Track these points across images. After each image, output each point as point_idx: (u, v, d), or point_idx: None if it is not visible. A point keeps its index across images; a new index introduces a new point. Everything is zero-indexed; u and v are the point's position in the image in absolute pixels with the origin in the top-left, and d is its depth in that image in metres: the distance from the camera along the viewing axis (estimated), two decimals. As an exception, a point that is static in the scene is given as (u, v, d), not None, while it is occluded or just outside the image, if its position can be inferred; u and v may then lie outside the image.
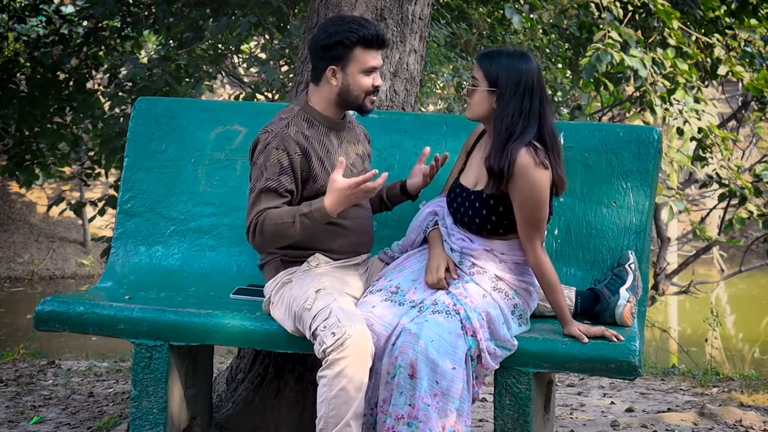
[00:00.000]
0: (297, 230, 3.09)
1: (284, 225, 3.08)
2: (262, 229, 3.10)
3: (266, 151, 3.16)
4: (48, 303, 3.38)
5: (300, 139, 3.20)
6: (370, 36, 3.20)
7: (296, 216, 3.08)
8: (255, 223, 3.11)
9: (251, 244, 3.18)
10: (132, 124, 3.96)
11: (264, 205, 3.12)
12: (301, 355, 3.75)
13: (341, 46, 3.20)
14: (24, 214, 15.31)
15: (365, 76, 3.22)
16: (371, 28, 3.20)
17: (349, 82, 3.22)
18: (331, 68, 3.23)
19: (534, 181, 3.08)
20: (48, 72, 8.77)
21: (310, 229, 3.11)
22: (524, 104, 3.11)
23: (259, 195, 3.14)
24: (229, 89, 15.30)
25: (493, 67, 3.14)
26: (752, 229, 13.93)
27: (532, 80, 3.12)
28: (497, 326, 3.07)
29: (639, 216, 3.53)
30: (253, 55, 9.06)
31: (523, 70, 3.12)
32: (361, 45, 3.20)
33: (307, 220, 3.07)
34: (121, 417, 4.15)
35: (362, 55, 3.20)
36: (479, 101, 3.17)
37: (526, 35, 8.04)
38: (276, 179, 3.13)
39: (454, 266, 3.19)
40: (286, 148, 3.16)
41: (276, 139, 3.17)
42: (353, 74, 3.22)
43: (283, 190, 3.14)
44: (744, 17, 7.77)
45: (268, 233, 3.10)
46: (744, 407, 4.61)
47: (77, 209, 9.04)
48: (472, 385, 3.04)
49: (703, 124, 6.90)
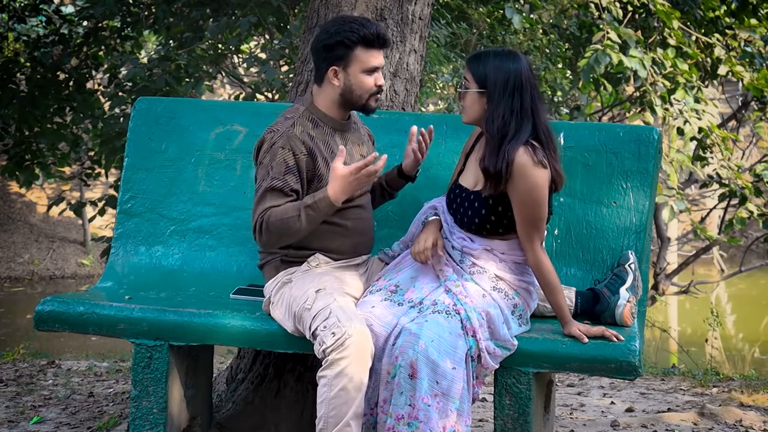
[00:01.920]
0: (303, 224, 3.08)
1: (290, 219, 3.08)
2: (268, 227, 3.09)
3: (272, 151, 3.16)
4: (48, 303, 3.38)
5: (306, 138, 3.20)
6: (371, 35, 3.19)
7: (301, 209, 3.07)
8: (260, 222, 3.11)
9: (258, 243, 3.18)
10: (132, 124, 3.96)
11: (269, 204, 3.11)
12: (301, 355, 3.76)
13: (342, 46, 3.20)
14: (24, 214, 15.30)
15: (367, 75, 3.22)
16: (372, 28, 3.20)
17: (352, 82, 3.22)
18: (333, 68, 3.23)
19: (533, 181, 3.08)
20: (48, 72, 8.76)
21: (315, 221, 3.10)
22: (515, 103, 3.10)
23: (264, 194, 3.13)
24: (229, 89, 15.30)
25: (480, 68, 3.13)
26: (752, 229, 13.93)
27: (521, 78, 3.11)
28: (497, 326, 3.07)
29: (639, 216, 3.53)
30: (253, 55, 9.06)
31: (510, 69, 3.11)
32: (362, 44, 3.19)
33: (312, 211, 3.07)
34: (121, 417, 4.15)
35: (363, 54, 3.20)
36: (471, 103, 3.17)
37: (526, 35, 8.04)
38: (281, 179, 3.13)
39: (443, 245, 3.20)
40: (291, 148, 3.16)
41: (282, 138, 3.17)
42: (355, 74, 3.22)
43: (289, 189, 3.14)
44: (744, 17, 7.77)
45: (274, 230, 3.09)
46: (744, 407, 4.60)
47: (77, 209, 9.04)
48: (472, 385, 3.04)
49: (704, 124, 6.90)
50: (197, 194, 3.87)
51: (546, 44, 8.14)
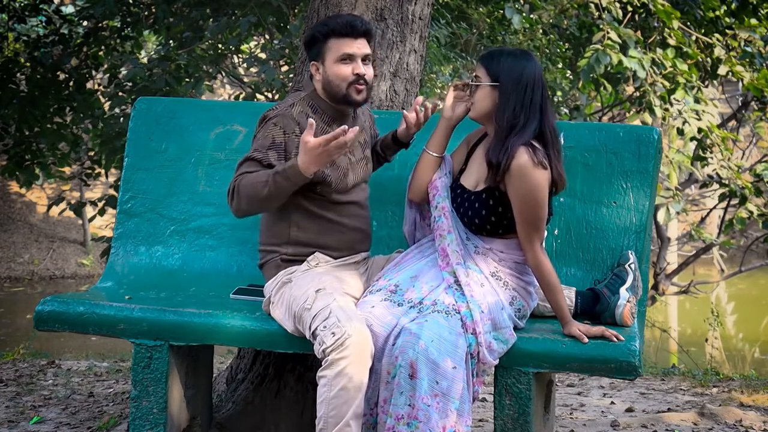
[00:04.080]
0: (271, 189, 3.09)
1: (258, 184, 3.10)
2: (239, 190, 3.13)
3: (265, 126, 3.23)
4: (48, 303, 3.38)
5: (302, 119, 3.24)
6: (340, 25, 3.23)
7: (270, 175, 3.10)
8: (233, 186, 3.16)
9: (231, 209, 3.19)
10: (132, 124, 3.96)
11: (244, 170, 3.16)
12: (301, 355, 3.76)
13: (316, 41, 3.27)
14: (24, 214, 15.31)
15: (342, 64, 3.24)
16: (343, 18, 3.25)
17: (328, 74, 3.26)
18: (313, 64, 3.30)
19: (533, 182, 3.08)
20: (48, 72, 8.76)
21: (284, 190, 3.10)
22: (526, 98, 3.14)
23: (244, 162, 3.20)
24: (229, 89, 15.30)
25: (494, 64, 3.19)
26: (752, 229, 13.93)
27: (533, 76, 3.16)
28: (497, 313, 3.08)
29: (639, 216, 3.53)
30: (253, 55, 9.06)
31: (525, 66, 3.17)
32: (333, 36, 3.24)
33: (280, 178, 3.07)
34: (121, 417, 4.15)
35: (335, 44, 3.24)
36: (482, 98, 3.19)
37: (526, 35, 8.04)
38: (263, 152, 3.18)
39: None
40: (283, 126, 3.21)
41: (278, 117, 3.23)
42: (330, 65, 3.25)
43: (267, 163, 3.17)
44: (744, 17, 7.77)
45: (243, 194, 3.12)
46: (744, 407, 4.61)
47: (77, 209, 9.04)
48: (472, 383, 3.04)
49: (703, 125, 6.90)
50: (197, 194, 3.87)
51: (546, 44, 8.14)
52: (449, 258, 3.18)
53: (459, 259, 3.18)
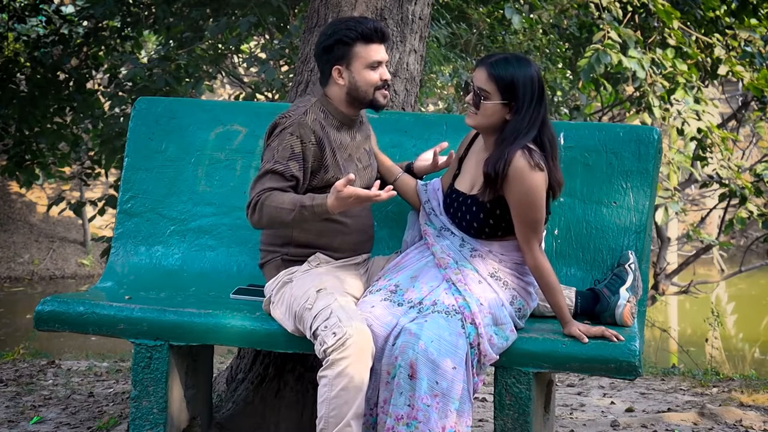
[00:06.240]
0: (293, 219, 3.10)
1: (283, 210, 3.09)
2: (262, 208, 3.11)
3: (281, 135, 3.20)
4: (48, 303, 3.38)
5: (317, 128, 3.22)
6: (369, 30, 3.22)
7: (297, 205, 3.08)
8: (257, 201, 3.13)
9: (248, 220, 3.19)
10: (132, 124, 3.96)
11: (269, 185, 3.14)
12: (301, 355, 3.76)
13: (342, 44, 3.22)
14: (24, 214, 15.30)
15: (371, 70, 3.24)
16: (369, 23, 3.24)
17: (356, 79, 3.24)
18: (336, 68, 3.25)
19: (530, 184, 3.08)
20: (48, 72, 8.77)
21: (306, 221, 3.12)
22: (535, 112, 3.13)
23: (265, 174, 3.17)
24: (229, 89, 15.30)
25: (506, 79, 3.11)
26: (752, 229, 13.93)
27: (541, 86, 3.14)
28: (497, 309, 3.08)
29: (639, 216, 3.53)
30: (253, 55, 9.05)
31: (534, 79, 3.13)
32: (362, 40, 3.22)
33: (306, 212, 3.08)
34: (121, 417, 4.15)
35: (364, 50, 3.22)
36: (492, 113, 3.15)
37: (526, 35, 8.04)
38: (284, 163, 3.16)
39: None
40: (300, 136, 3.19)
41: (293, 125, 3.20)
42: (358, 70, 3.23)
43: (289, 174, 3.16)
44: (744, 17, 7.76)
45: (266, 213, 3.11)
46: (744, 407, 4.61)
47: (77, 209, 9.04)
48: (472, 375, 3.03)
49: (702, 125, 6.90)
50: (197, 194, 3.87)
51: (546, 44, 8.14)
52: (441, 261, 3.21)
53: (447, 263, 3.18)
